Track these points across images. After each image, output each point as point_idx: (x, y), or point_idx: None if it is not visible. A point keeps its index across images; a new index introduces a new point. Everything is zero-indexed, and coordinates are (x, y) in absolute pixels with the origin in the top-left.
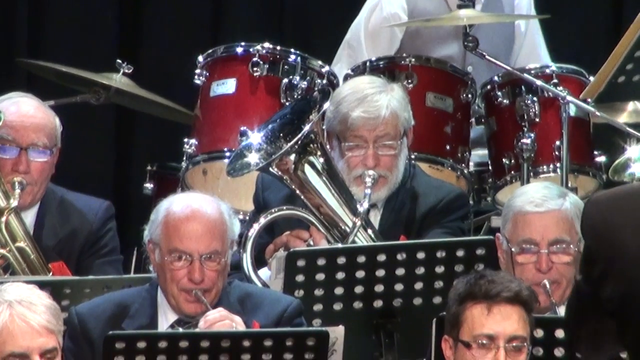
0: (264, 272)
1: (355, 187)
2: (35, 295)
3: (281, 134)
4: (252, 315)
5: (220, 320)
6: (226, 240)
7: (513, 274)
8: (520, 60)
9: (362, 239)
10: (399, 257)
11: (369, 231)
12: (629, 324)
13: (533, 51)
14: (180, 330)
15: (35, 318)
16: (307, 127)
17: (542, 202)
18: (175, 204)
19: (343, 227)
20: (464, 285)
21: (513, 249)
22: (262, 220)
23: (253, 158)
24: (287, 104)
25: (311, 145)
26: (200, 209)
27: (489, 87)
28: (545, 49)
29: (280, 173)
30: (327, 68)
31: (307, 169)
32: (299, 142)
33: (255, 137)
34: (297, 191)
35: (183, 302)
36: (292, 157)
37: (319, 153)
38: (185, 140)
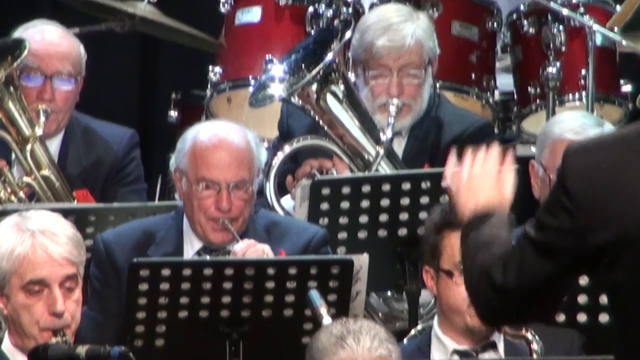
0: (287, 201)
1: (379, 115)
2: (59, 225)
3: (304, 65)
4: (278, 244)
5: (248, 250)
6: (253, 168)
7: None
8: None
9: (386, 168)
10: (423, 185)
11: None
12: (621, 265)
13: None
14: (207, 257)
15: (57, 249)
16: (328, 57)
17: (582, 129)
18: (202, 132)
19: (366, 157)
20: (440, 214)
21: (551, 176)
22: (286, 149)
23: (275, 89)
24: (312, 33)
25: (333, 74)
26: (228, 137)
27: (514, 16)
28: None
29: (302, 103)
30: None
31: (330, 98)
32: (321, 72)
33: (278, 69)
34: (320, 121)
35: (210, 231)
36: (314, 87)
37: (340, 82)
38: (210, 68)
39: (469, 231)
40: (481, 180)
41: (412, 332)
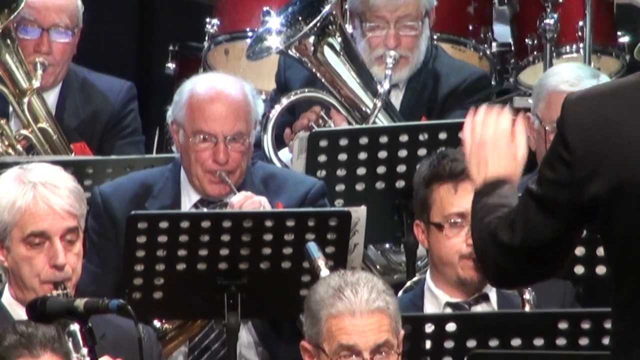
0: (285, 154)
1: (376, 67)
2: (60, 178)
3: (301, 17)
4: (275, 196)
5: (245, 202)
6: (250, 121)
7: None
8: None
9: (383, 120)
10: (420, 137)
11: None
12: (617, 217)
13: None
14: (204, 210)
15: (58, 201)
16: (325, 9)
17: (577, 81)
18: (199, 84)
19: (364, 109)
20: (428, 167)
21: (547, 128)
22: (284, 101)
23: (272, 42)
24: None
25: (330, 27)
26: (225, 90)
27: None
28: None
29: (300, 56)
30: None
31: (327, 50)
32: (318, 24)
33: (275, 21)
34: (318, 74)
35: (207, 184)
36: (311, 39)
37: (337, 35)
38: (208, 20)
39: (479, 197)
40: (494, 143)
41: (408, 283)
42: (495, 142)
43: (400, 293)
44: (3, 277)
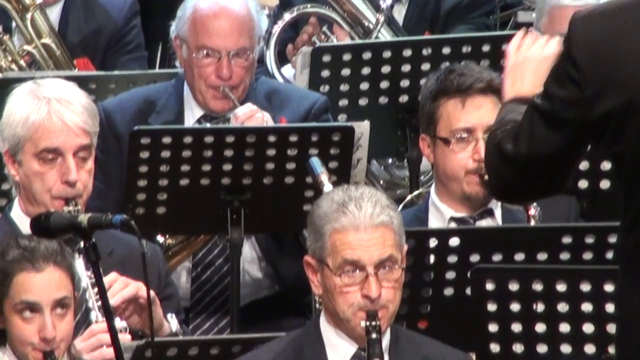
0: (288, 70)
1: None
2: (74, 94)
3: None
4: (278, 112)
5: (251, 115)
6: (254, 36)
7: None
8: None
9: (386, 35)
10: (424, 52)
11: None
12: (626, 135)
13: None
14: (207, 125)
15: (72, 118)
16: None
17: None
18: (203, 0)
19: (366, 24)
20: (435, 81)
21: None
22: (287, 17)
23: None
24: None
25: None
26: (228, 5)
27: None
28: None
29: None
30: None
31: None
32: None
33: None
34: None
35: (210, 99)
36: None
37: None
38: None
39: (503, 109)
40: (537, 64)
41: (409, 197)
42: (538, 64)
43: (400, 207)
44: (13, 191)
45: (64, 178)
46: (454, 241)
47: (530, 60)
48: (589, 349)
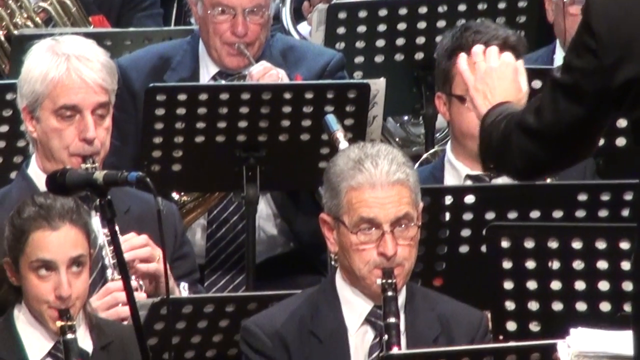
0: (303, 27)
1: None
2: (93, 51)
3: None
4: (294, 69)
5: (265, 72)
6: None
7: (563, 26)
8: None
9: None
10: (440, 9)
11: None
12: None
13: None
14: (223, 82)
15: (91, 75)
16: None
17: None
18: None
19: None
20: (451, 39)
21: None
22: None
23: None
24: None
25: None
26: None
27: None
28: None
29: None
30: None
31: None
32: None
33: None
34: None
35: (226, 56)
36: None
37: None
38: None
39: (486, 119)
40: (501, 72)
41: (424, 156)
42: (502, 71)
43: (416, 165)
44: (30, 148)
45: (82, 135)
46: (470, 198)
47: (493, 69)
48: (604, 306)
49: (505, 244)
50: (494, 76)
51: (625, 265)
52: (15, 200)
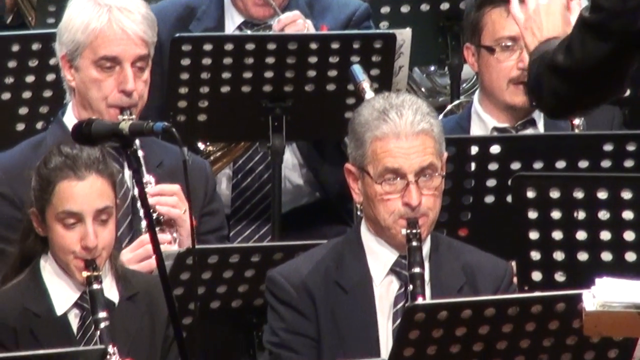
0: None
1: None
2: (134, 3)
3: None
4: (320, 19)
5: (294, 19)
6: None
7: None
8: None
9: None
10: None
11: None
12: None
13: None
14: (248, 32)
15: (132, 27)
16: None
17: None
18: None
19: None
20: None
21: None
22: None
23: None
24: None
25: None
26: None
27: None
28: None
29: None
30: None
31: None
32: None
33: None
34: None
35: (251, 6)
36: None
37: None
38: None
39: (534, 55)
40: (548, 8)
41: (449, 107)
42: (550, 7)
43: (440, 116)
44: (67, 96)
45: (121, 87)
46: (495, 149)
47: (540, 5)
48: (630, 256)
49: (530, 194)
50: (542, 12)
51: None
52: (49, 147)
